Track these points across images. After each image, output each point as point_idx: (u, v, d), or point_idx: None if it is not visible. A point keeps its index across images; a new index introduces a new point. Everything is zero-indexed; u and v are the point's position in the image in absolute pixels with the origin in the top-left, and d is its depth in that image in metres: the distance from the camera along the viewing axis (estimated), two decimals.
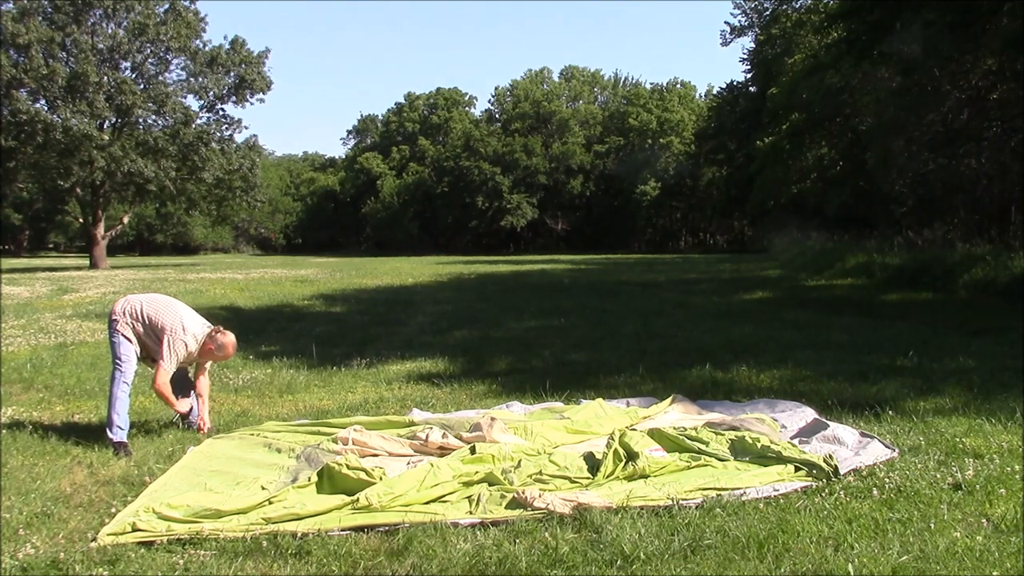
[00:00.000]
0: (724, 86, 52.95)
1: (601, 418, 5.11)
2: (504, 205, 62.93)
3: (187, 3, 35.81)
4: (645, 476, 3.88)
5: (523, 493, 3.58)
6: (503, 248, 63.43)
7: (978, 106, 17.53)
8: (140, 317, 4.99)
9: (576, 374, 6.97)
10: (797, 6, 34.12)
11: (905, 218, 23.24)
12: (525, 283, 20.28)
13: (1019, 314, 10.29)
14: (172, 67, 36.37)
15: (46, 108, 32.37)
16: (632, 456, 4.00)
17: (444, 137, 70.68)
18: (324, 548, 3.18)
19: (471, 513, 3.51)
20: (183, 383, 5.28)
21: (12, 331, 10.48)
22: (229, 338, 5.09)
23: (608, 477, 3.88)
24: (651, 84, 67.54)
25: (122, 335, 4.96)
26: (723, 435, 4.39)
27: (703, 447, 4.24)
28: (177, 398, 5.27)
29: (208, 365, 5.34)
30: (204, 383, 5.27)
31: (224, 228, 71.12)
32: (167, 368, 4.90)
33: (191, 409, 5.26)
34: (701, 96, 65.76)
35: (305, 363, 7.77)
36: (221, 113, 37.65)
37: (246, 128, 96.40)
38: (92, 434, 4.98)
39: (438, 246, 63.22)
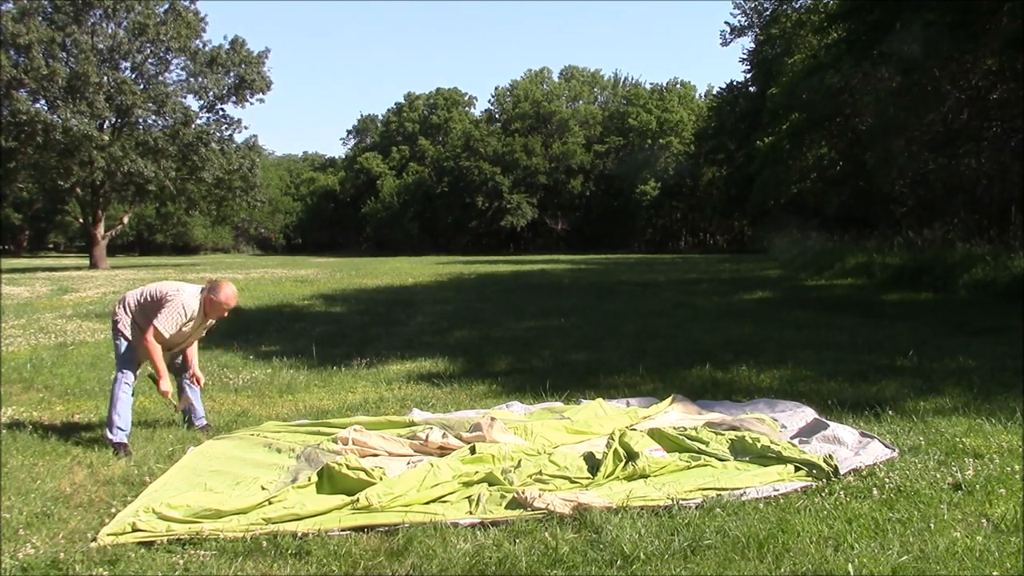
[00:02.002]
0: (724, 86, 53.04)
1: (601, 418, 5.11)
2: (504, 205, 62.94)
3: (187, 3, 35.88)
4: (645, 476, 3.88)
5: (523, 493, 3.58)
6: (503, 248, 63.44)
7: (978, 106, 17.52)
8: (140, 300, 4.95)
9: (576, 374, 6.97)
10: (797, 6, 34.11)
11: (905, 218, 23.19)
12: (525, 283, 20.27)
13: (1019, 314, 10.28)
14: (172, 67, 36.53)
15: (46, 108, 32.42)
16: (632, 456, 4.00)
17: (444, 137, 70.69)
18: (324, 548, 3.18)
19: (471, 513, 3.51)
20: (177, 381, 5.26)
21: (12, 331, 10.48)
22: (227, 287, 4.96)
23: (608, 477, 3.88)
24: (651, 84, 67.71)
25: (124, 336, 4.95)
26: (723, 435, 4.38)
27: (703, 447, 4.24)
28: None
29: (194, 361, 5.27)
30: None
31: (224, 228, 71.22)
32: (162, 327, 4.78)
33: (191, 407, 5.25)
34: (701, 96, 65.80)
35: (305, 363, 7.77)
36: (221, 113, 37.77)
37: (246, 128, 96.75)
38: (92, 434, 4.99)
39: (438, 246, 63.23)
